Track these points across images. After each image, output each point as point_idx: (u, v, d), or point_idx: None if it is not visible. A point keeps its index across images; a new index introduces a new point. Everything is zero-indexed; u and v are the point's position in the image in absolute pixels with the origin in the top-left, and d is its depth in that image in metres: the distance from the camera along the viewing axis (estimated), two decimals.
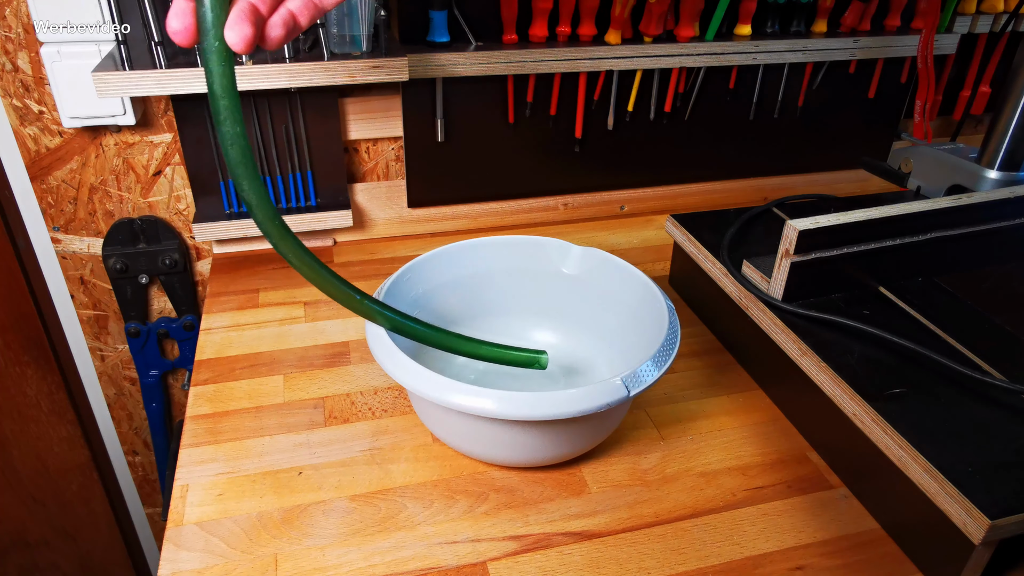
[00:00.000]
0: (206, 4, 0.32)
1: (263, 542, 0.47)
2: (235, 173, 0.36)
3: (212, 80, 0.34)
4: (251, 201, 0.37)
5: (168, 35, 0.34)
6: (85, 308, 0.84)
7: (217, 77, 0.34)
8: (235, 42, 0.33)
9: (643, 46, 0.77)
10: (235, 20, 0.33)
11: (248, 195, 0.36)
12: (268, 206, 0.38)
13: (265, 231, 0.38)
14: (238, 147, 0.35)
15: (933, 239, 0.60)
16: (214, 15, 0.33)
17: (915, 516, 0.47)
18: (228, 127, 0.35)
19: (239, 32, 0.33)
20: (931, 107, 0.90)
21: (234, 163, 0.36)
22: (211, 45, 0.33)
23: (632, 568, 0.46)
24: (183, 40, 0.34)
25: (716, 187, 0.94)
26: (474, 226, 0.87)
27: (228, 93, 0.34)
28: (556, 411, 0.44)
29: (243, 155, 0.35)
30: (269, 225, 0.38)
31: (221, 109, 0.34)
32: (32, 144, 0.74)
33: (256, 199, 0.37)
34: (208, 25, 0.33)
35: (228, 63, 0.34)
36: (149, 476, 1.00)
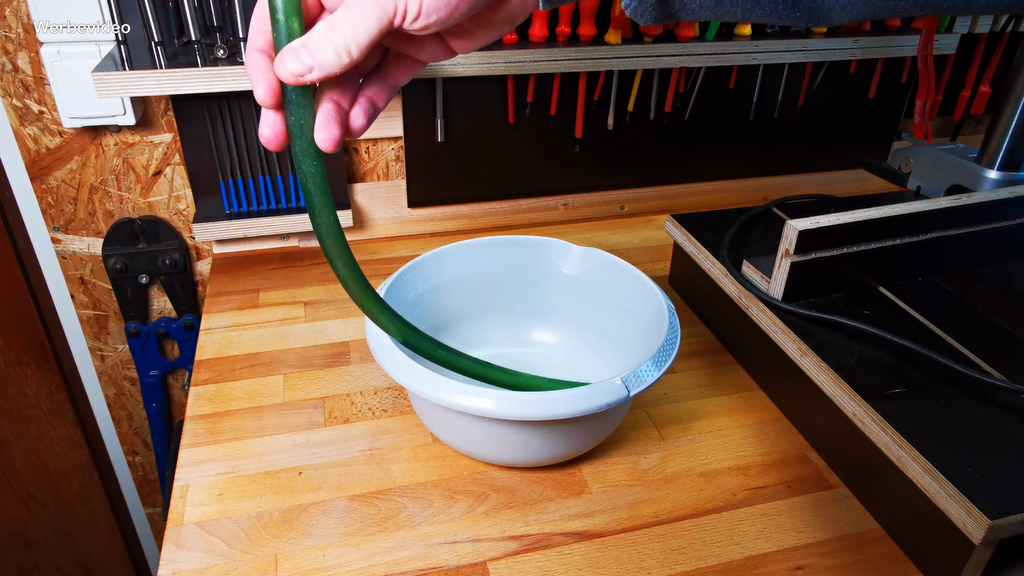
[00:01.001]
0: (295, 112, 0.35)
1: (263, 542, 0.47)
2: (330, 256, 0.39)
3: (306, 179, 0.36)
4: (347, 279, 0.40)
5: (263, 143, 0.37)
6: (85, 308, 0.85)
7: (310, 176, 0.36)
8: (324, 144, 0.35)
9: (643, 46, 0.77)
10: (323, 123, 0.35)
11: (344, 274, 0.40)
12: (362, 281, 0.41)
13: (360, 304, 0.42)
14: (332, 235, 0.38)
15: (933, 239, 0.60)
16: (304, 122, 0.35)
17: (915, 516, 0.47)
18: (323, 218, 0.37)
19: (328, 133, 0.35)
20: (931, 107, 0.90)
21: (329, 248, 0.38)
22: (302, 148, 0.35)
23: (632, 568, 0.46)
24: (274, 146, 0.36)
25: (716, 187, 0.94)
26: (474, 226, 0.87)
27: (321, 188, 0.36)
28: (556, 411, 0.44)
29: (337, 241, 0.38)
30: (364, 299, 0.41)
31: (316, 203, 0.37)
32: (32, 144, 0.74)
33: (351, 277, 0.40)
34: (299, 130, 0.35)
35: (319, 161, 0.36)
36: (149, 476, 1.00)
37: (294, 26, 0.33)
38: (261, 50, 0.35)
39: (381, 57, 0.39)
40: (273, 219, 0.77)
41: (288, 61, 0.33)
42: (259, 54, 0.35)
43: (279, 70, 0.33)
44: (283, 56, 0.33)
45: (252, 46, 0.35)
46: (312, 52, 0.33)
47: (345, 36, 0.32)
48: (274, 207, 0.79)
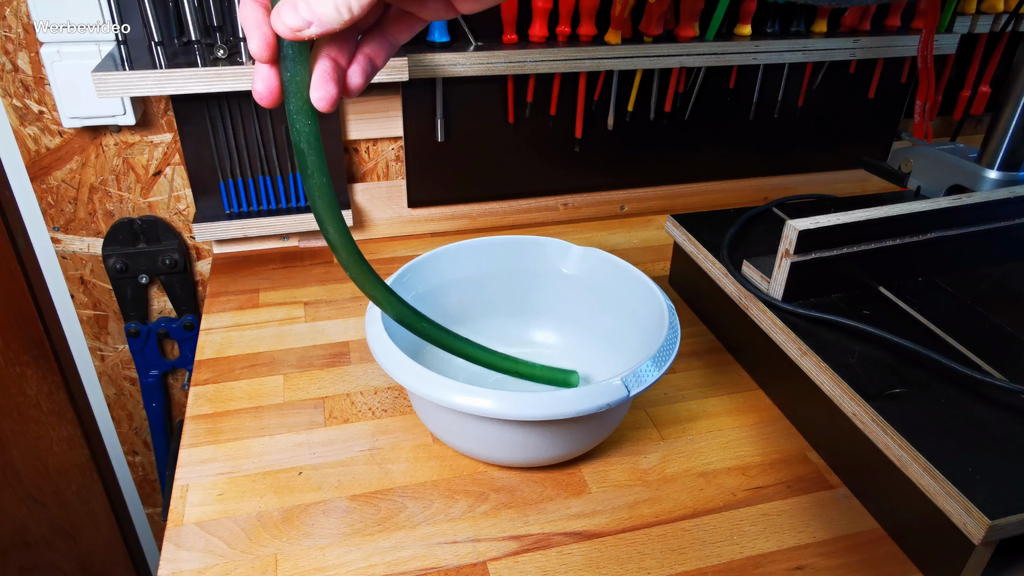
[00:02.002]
0: (290, 68, 0.33)
1: (263, 542, 0.47)
2: (320, 219, 0.38)
3: (299, 138, 0.35)
4: (336, 243, 0.39)
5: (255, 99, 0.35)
6: (85, 308, 0.85)
7: (304, 135, 0.35)
8: (321, 103, 0.34)
9: (643, 46, 0.77)
10: (319, 81, 0.34)
11: (334, 238, 0.38)
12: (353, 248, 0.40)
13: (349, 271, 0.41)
14: (325, 196, 0.37)
15: (933, 239, 0.60)
16: (300, 79, 0.34)
17: (915, 516, 0.47)
18: (316, 179, 0.36)
19: (324, 92, 0.34)
20: (931, 107, 0.90)
21: (320, 210, 0.37)
22: (297, 106, 0.34)
23: (632, 568, 0.46)
24: (267, 102, 0.35)
25: (716, 187, 0.94)
26: (474, 226, 0.87)
27: (314, 148, 0.35)
28: (556, 411, 0.44)
29: (329, 203, 0.37)
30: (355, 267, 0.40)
31: (309, 163, 0.36)
32: (32, 144, 0.74)
33: (341, 241, 0.39)
34: (294, 87, 0.34)
35: (314, 120, 0.35)
36: (149, 476, 1.00)
37: None
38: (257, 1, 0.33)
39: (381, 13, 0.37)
40: (273, 219, 0.77)
41: (286, 14, 0.31)
42: (254, 4, 0.33)
43: (275, 23, 0.32)
44: (280, 8, 0.31)
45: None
46: (311, 6, 0.31)
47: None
48: (274, 207, 0.79)
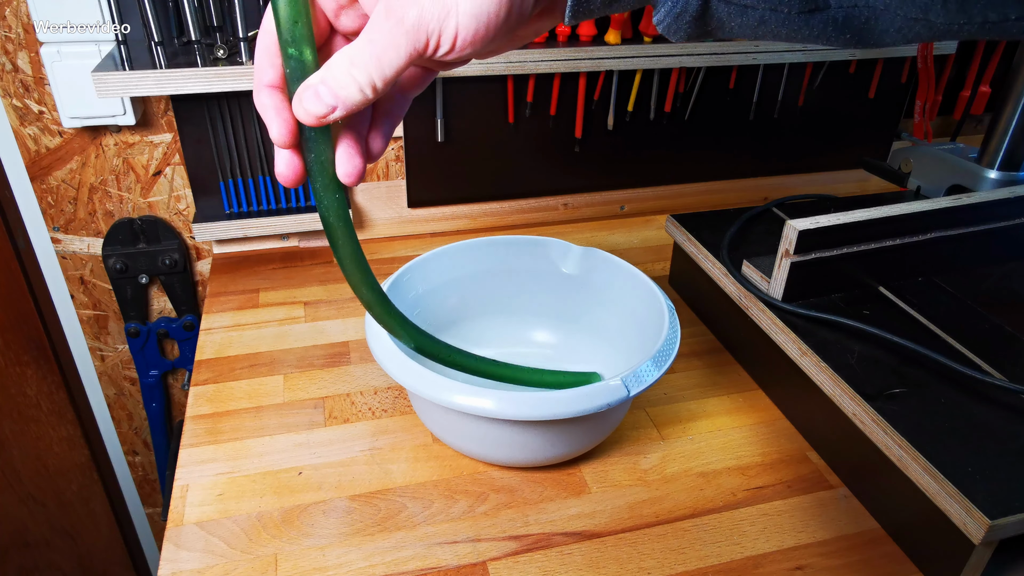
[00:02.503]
0: (314, 149, 0.33)
1: (263, 542, 0.47)
2: (354, 284, 0.38)
3: (328, 213, 0.35)
4: (372, 303, 0.39)
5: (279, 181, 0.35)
6: (85, 308, 0.85)
7: (333, 210, 0.35)
8: (348, 179, 0.33)
9: (643, 46, 0.77)
10: (345, 158, 0.33)
11: (368, 298, 0.39)
12: (387, 304, 0.40)
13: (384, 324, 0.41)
14: (356, 264, 0.37)
15: (933, 239, 0.60)
16: (325, 158, 0.33)
17: (915, 516, 0.47)
18: (347, 250, 0.36)
19: (351, 168, 0.33)
20: (931, 107, 0.90)
21: (354, 277, 0.38)
22: (324, 184, 0.34)
23: (632, 568, 0.46)
24: (292, 184, 0.34)
25: (716, 187, 0.94)
26: (474, 226, 0.87)
27: (343, 220, 0.35)
28: (556, 411, 0.44)
29: (361, 270, 0.37)
30: (389, 319, 0.41)
31: (339, 236, 0.36)
32: (32, 144, 0.74)
33: (376, 300, 0.39)
34: (319, 167, 0.33)
35: (341, 194, 0.35)
36: (149, 476, 1.00)
37: (308, 57, 0.30)
38: (272, 86, 0.32)
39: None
40: (273, 219, 0.77)
41: (308, 101, 0.30)
42: (271, 91, 0.32)
43: (298, 111, 0.31)
44: (302, 95, 0.30)
45: (261, 82, 0.32)
46: (333, 90, 0.30)
47: (370, 72, 0.29)
48: (274, 207, 0.79)
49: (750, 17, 0.28)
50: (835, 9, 0.27)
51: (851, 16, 0.27)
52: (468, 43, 0.29)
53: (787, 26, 0.28)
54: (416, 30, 0.28)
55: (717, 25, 0.29)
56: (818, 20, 0.27)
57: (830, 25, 0.27)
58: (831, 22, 0.27)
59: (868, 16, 0.27)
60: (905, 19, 0.26)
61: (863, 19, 0.27)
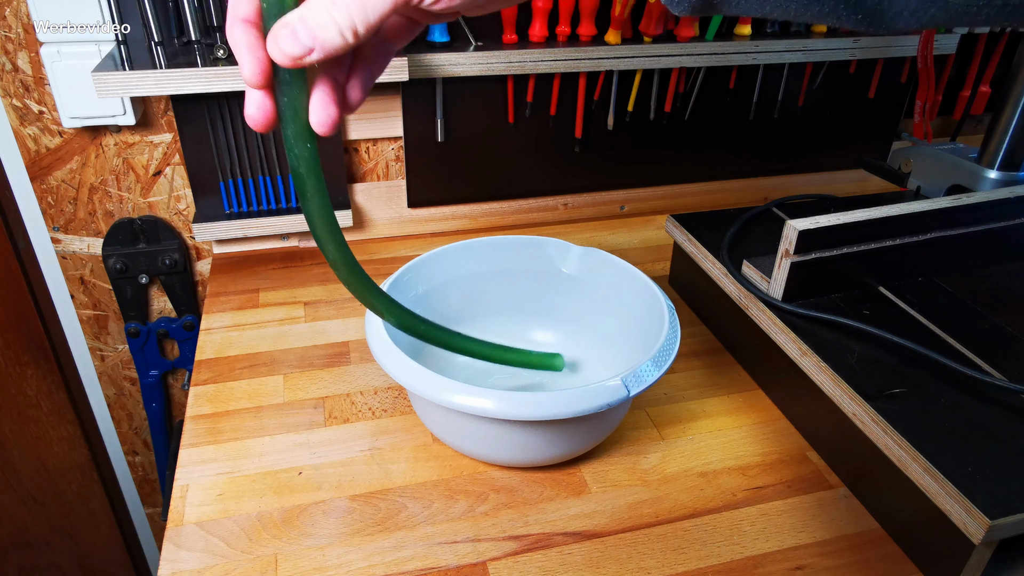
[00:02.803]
0: (287, 93, 0.31)
1: (263, 542, 0.47)
2: (320, 240, 0.37)
3: (298, 163, 0.33)
4: (337, 261, 0.38)
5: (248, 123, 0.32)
6: (85, 308, 0.85)
7: (304, 160, 0.33)
8: (321, 127, 0.32)
9: (643, 46, 0.77)
10: (319, 105, 0.31)
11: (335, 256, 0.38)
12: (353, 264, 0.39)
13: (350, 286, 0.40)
14: (324, 218, 0.36)
15: (933, 239, 0.60)
16: (298, 103, 0.31)
17: (915, 516, 0.47)
18: (316, 201, 0.35)
19: (325, 116, 0.31)
20: (931, 107, 0.90)
21: (320, 233, 0.36)
22: (295, 131, 0.32)
23: (632, 568, 0.46)
24: (262, 127, 0.32)
25: (716, 187, 0.94)
26: (474, 226, 0.87)
27: (313, 171, 0.34)
28: (556, 411, 0.44)
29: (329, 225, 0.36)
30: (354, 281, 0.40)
31: (308, 187, 0.34)
32: (32, 144, 0.74)
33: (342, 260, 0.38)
34: (291, 112, 0.32)
35: (313, 143, 0.33)
36: (149, 476, 1.00)
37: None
38: (247, 20, 0.30)
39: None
40: (273, 219, 0.77)
41: (284, 41, 0.28)
42: (245, 26, 0.29)
43: (272, 50, 0.29)
44: (277, 33, 0.28)
45: (235, 15, 0.30)
46: (312, 31, 0.28)
47: (352, 15, 0.28)
48: (274, 207, 0.79)
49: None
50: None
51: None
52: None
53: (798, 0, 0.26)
54: None
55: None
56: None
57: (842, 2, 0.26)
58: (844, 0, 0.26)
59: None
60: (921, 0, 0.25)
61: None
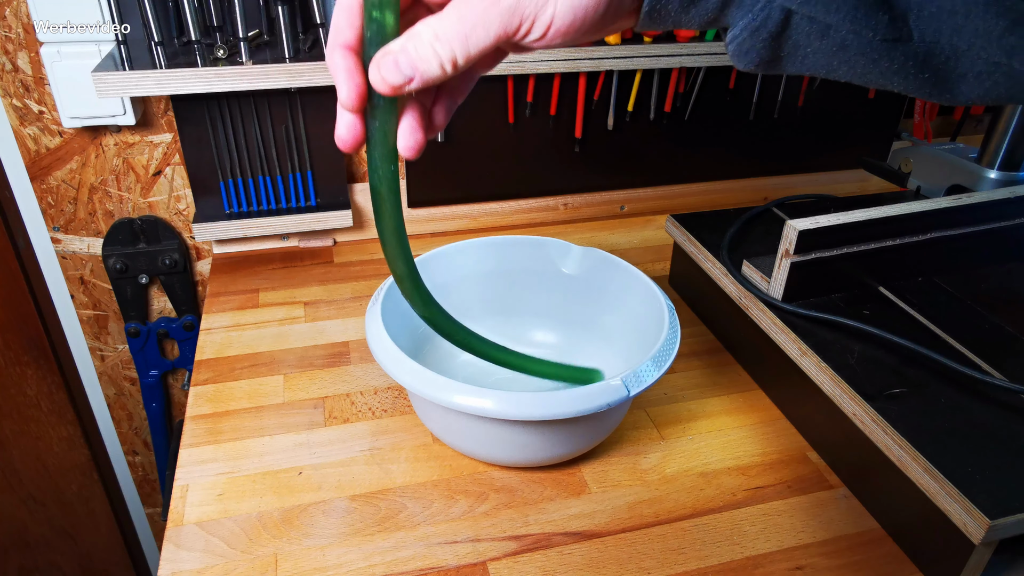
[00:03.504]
0: (379, 117, 0.32)
1: (263, 542, 0.47)
2: (391, 258, 0.38)
3: (380, 183, 0.34)
4: (404, 277, 0.39)
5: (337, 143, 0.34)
6: (85, 308, 0.85)
7: (386, 181, 0.34)
8: (409, 152, 0.33)
9: (643, 46, 0.77)
10: (408, 131, 0.33)
11: (402, 272, 0.39)
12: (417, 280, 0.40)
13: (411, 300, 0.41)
14: (396, 237, 0.37)
15: (933, 239, 0.60)
16: (388, 128, 0.33)
17: (915, 516, 0.47)
18: (391, 223, 0.36)
19: (413, 141, 0.33)
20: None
21: (392, 249, 0.37)
22: (382, 153, 0.33)
23: (632, 568, 0.46)
24: (349, 149, 0.33)
25: (716, 187, 0.94)
26: (474, 226, 0.87)
27: (394, 192, 0.35)
28: (556, 411, 0.44)
29: (401, 243, 0.37)
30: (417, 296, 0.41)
31: (387, 207, 0.35)
32: (32, 144, 0.74)
33: (408, 275, 0.39)
34: (381, 136, 0.33)
35: (395, 165, 0.34)
36: (149, 476, 1.00)
37: (390, 22, 0.30)
38: (347, 47, 0.31)
39: None
40: (273, 219, 0.77)
41: (386, 69, 0.29)
42: (345, 52, 0.31)
43: (374, 77, 0.30)
44: (380, 62, 0.30)
45: (336, 41, 0.31)
46: (413, 61, 0.29)
47: (454, 48, 0.29)
48: (274, 207, 0.79)
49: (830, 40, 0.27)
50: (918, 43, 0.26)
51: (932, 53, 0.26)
52: (561, 32, 0.28)
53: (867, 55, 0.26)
54: (511, 13, 0.28)
55: (791, 49, 0.28)
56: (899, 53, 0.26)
57: (911, 59, 0.26)
58: (912, 56, 0.26)
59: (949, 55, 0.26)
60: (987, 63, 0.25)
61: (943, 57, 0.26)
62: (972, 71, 0.26)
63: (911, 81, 0.27)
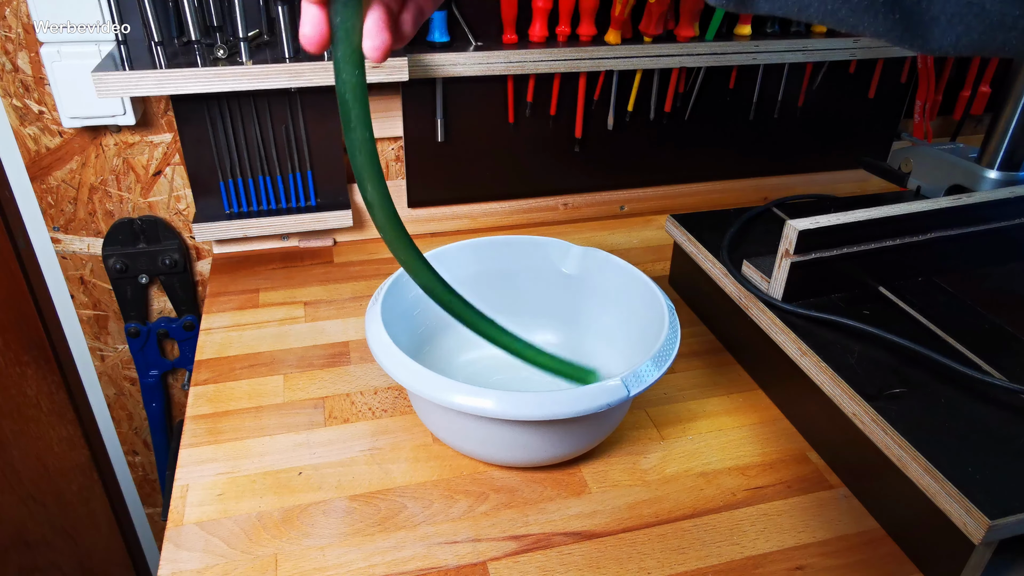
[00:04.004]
0: (341, 12, 0.31)
1: (263, 542, 0.47)
2: (360, 175, 0.36)
3: (344, 88, 0.33)
4: (374, 202, 0.37)
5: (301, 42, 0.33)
6: (85, 308, 0.85)
7: (350, 85, 0.33)
8: (373, 53, 0.32)
9: (643, 46, 0.77)
10: (374, 29, 0.32)
11: (372, 196, 0.37)
12: (390, 207, 0.38)
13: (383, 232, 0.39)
14: (366, 151, 0.35)
15: (933, 239, 0.60)
16: (351, 24, 0.32)
17: (915, 516, 0.47)
18: (359, 133, 0.34)
19: (379, 41, 0.32)
20: (931, 107, 0.90)
21: (360, 166, 0.36)
22: (346, 53, 0.32)
23: (632, 568, 0.46)
24: (314, 47, 0.32)
25: (716, 187, 0.94)
26: (474, 226, 0.87)
27: (359, 100, 0.34)
28: (556, 411, 0.44)
29: (370, 159, 0.35)
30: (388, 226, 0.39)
31: (353, 116, 0.34)
32: (32, 144, 0.74)
33: (379, 200, 0.37)
34: (343, 33, 0.32)
35: (361, 69, 0.33)
36: (149, 476, 1.00)
37: None
38: None
39: None
40: (273, 219, 0.77)
41: None
42: None
43: None
44: None
45: None
46: None
47: None
48: (274, 207, 0.79)
49: None
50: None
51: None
52: None
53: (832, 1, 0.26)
54: None
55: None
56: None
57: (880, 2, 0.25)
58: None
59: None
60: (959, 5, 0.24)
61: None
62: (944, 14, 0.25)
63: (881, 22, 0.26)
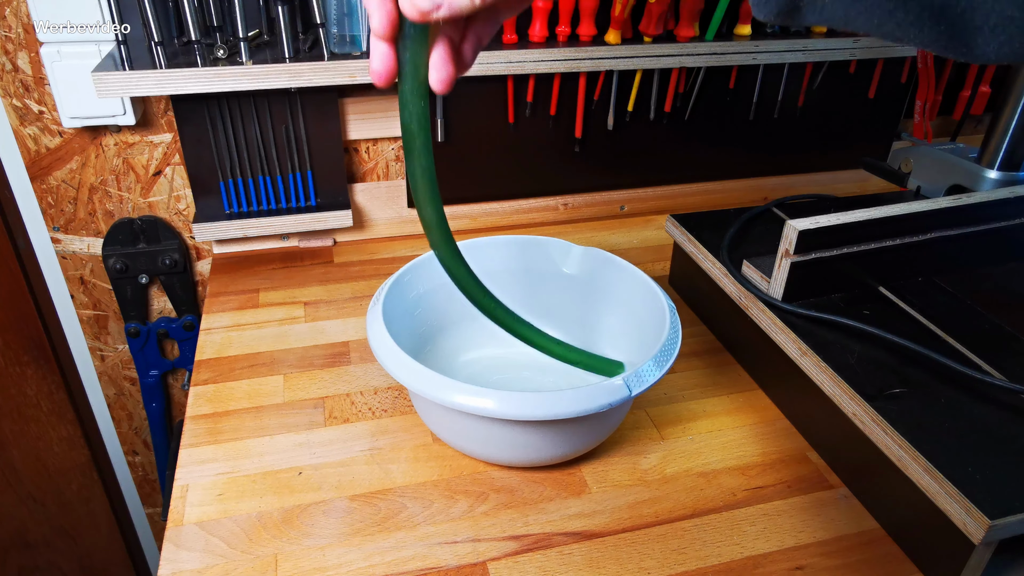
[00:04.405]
0: (410, 48, 0.33)
1: (263, 542, 0.47)
2: (419, 198, 0.37)
3: (411, 119, 0.35)
4: (432, 224, 0.39)
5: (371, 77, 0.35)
6: (85, 308, 0.84)
7: (416, 116, 0.35)
8: (439, 85, 0.34)
9: (643, 46, 0.77)
10: (439, 63, 0.34)
11: (430, 218, 0.38)
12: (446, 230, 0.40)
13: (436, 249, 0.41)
14: (427, 178, 0.37)
15: (933, 239, 0.60)
16: (419, 60, 0.33)
17: (915, 516, 0.47)
18: (423, 160, 0.36)
19: (444, 74, 0.34)
20: (931, 107, 0.90)
21: (421, 190, 0.37)
22: (412, 87, 0.34)
23: (632, 568, 0.46)
24: (383, 82, 0.34)
25: (716, 187, 0.94)
26: (474, 226, 0.87)
27: (424, 129, 0.35)
28: (557, 411, 0.44)
29: (431, 185, 0.37)
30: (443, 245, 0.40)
31: (417, 144, 0.36)
32: (32, 144, 0.74)
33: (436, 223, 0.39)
34: (412, 68, 0.34)
35: (426, 101, 0.35)
36: (149, 476, 1.00)
37: None
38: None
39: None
40: (273, 219, 0.77)
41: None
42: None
43: (404, 4, 0.31)
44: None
45: None
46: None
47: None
48: (274, 207, 0.79)
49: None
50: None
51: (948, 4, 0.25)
52: None
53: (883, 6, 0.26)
54: None
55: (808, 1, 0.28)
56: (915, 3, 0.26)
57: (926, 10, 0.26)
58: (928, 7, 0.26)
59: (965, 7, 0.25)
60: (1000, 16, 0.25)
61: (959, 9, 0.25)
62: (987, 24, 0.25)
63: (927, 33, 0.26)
